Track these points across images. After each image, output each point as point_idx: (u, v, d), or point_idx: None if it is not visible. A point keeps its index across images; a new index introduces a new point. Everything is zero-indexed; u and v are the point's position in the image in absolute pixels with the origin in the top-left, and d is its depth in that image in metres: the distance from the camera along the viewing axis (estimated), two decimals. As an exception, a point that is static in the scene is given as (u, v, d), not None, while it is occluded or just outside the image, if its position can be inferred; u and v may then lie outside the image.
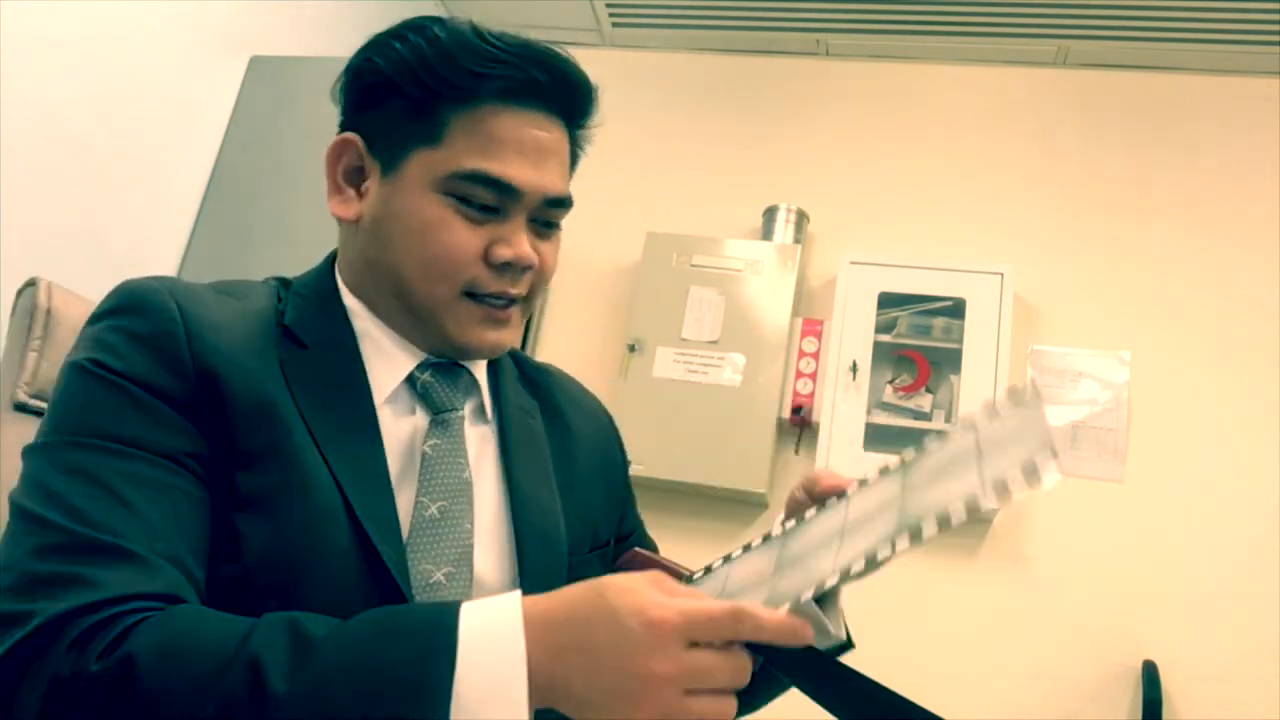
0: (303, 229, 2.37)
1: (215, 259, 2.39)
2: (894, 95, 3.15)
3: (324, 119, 2.60)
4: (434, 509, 0.86)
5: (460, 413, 0.93)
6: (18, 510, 0.73)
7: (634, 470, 2.93)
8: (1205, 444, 2.62)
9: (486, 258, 0.88)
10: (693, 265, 2.89)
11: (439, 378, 0.93)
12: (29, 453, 0.77)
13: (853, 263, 2.84)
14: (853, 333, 2.77)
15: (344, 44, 2.89)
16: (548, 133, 0.91)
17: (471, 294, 0.89)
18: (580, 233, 3.13)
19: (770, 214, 2.97)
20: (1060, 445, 2.70)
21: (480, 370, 0.98)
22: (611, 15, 3.22)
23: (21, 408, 1.05)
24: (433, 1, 3.30)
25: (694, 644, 0.62)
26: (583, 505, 1.00)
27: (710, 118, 3.21)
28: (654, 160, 3.16)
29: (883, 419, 2.73)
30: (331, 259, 0.98)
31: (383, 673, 0.61)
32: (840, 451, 2.66)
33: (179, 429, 0.78)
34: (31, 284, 1.09)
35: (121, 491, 0.73)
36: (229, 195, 2.45)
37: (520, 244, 0.89)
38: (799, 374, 2.80)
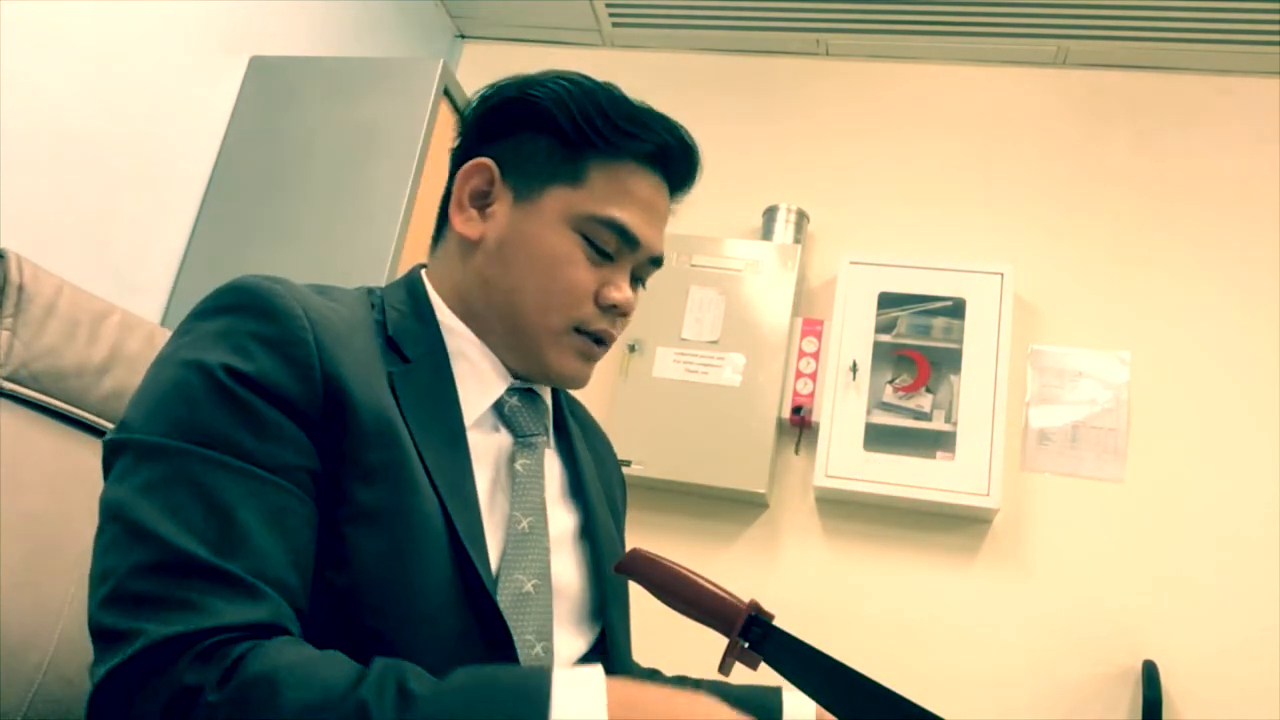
0: (303, 229, 2.37)
1: (215, 259, 2.39)
2: (894, 95, 3.15)
3: (324, 119, 2.61)
4: (525, 524, 0.91)
5: (543, 437, 0.98)
6: (123, 515, 0.73)
7: (634, 470, 2.95)
8: (1205, 444, 2.62)
9: (596, 298, 0.95)
10: (693, 265, 2.89)
11: (524, 404, 0.98)
12: (135, 448, 0.76)
13: (853, 263, 2.84)
14: (853, 333, 2.77)
15: (344, 44, 2.89)
16: (664, 198, 1.00)
17: (577, 329, 0.95)
18: (580, 233, 3.14)
19: (770, 214, 2.97)
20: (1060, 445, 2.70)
21: (548, 397, 1.03)
22: (611, 15, 3.22)
23: None
24: (433, 3, 3.31)
25: None
26: (619, 529, 1.09)
27: (710, 118, 3.20)
28: (654, 160, 3.16)
29: (883, 419, 2.73)
30: (416, 274, 1.00)
31: None
32: (840, 451, 2.66)
33: (297, 444, 0.78)
34: None
35: (235, 511, 0.73)
36: (229, 195, 2.45)
37: (627, 289, 0.96)
38: (799, 374, 2.80)
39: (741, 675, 0.92)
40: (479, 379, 0.95)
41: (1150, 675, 2.37)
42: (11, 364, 1.00)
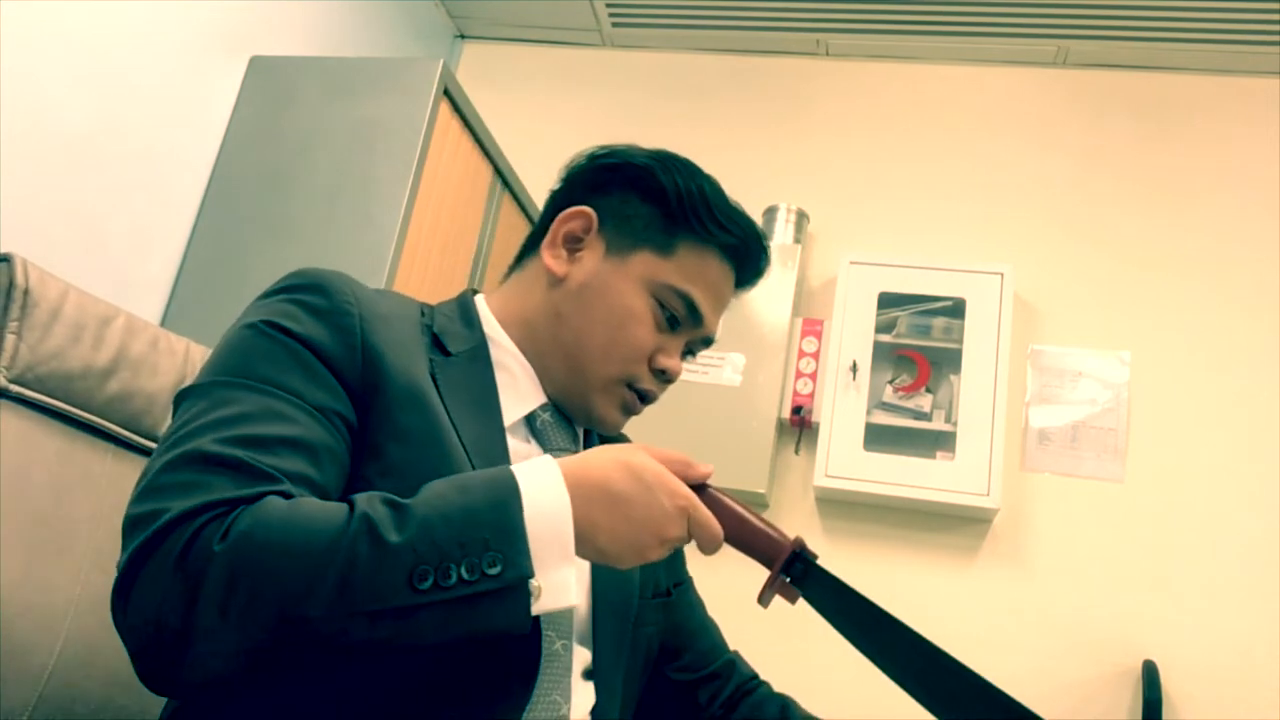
0: (303, 229, 2.37)
1: (215, 259, 2.38)
2: (894, 95, 3.15)
3: (324, 119, 2.60)
4: None
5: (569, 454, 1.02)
6: (166, 436, 0.80)
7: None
8: (1205, 444, 2.62)
9: (651, 360, 1.04)
10: (693, 265, 2.89)
11: (556, 421, 1.04)
12: (187, 391, 0.84)
13: (853, 263, 2.84)
14: (853, 333, 2.77)
15: (344, 44, 2.89)
16: (730, 289, 1.09)
17: (626, 382, 1.03)
18: (580, 233, 3.14)
19: (770, 214, 2.97)
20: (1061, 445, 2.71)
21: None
22: (611, 15, 3.22)
23: (2, 393, 0.99)
24: (433, 3, 3.30)
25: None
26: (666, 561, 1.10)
27: (710, 118, 3.21)
28: (654, 160, 3.15)
29: (883, 419, 2.73)
30: (467, 293, 1.08)
31: (471, 518, 0.73)
32: (840, 451, 2.66)
33: (335, 392, 0.85)
34: (4, 259, 1.02)
35: (271, 426, 0.79)
36: (229, 195, 2.44)
37: (678, 359, 1.06)
38: (799, 374, 2.80)
39: (778, 610, 0.92)
40: (516, 389, 1.01)
41: (1150, 675, 2.37)
42: (18, 367, 1.00)
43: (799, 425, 2.78)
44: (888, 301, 2.81)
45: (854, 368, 2.74)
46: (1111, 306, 2.80)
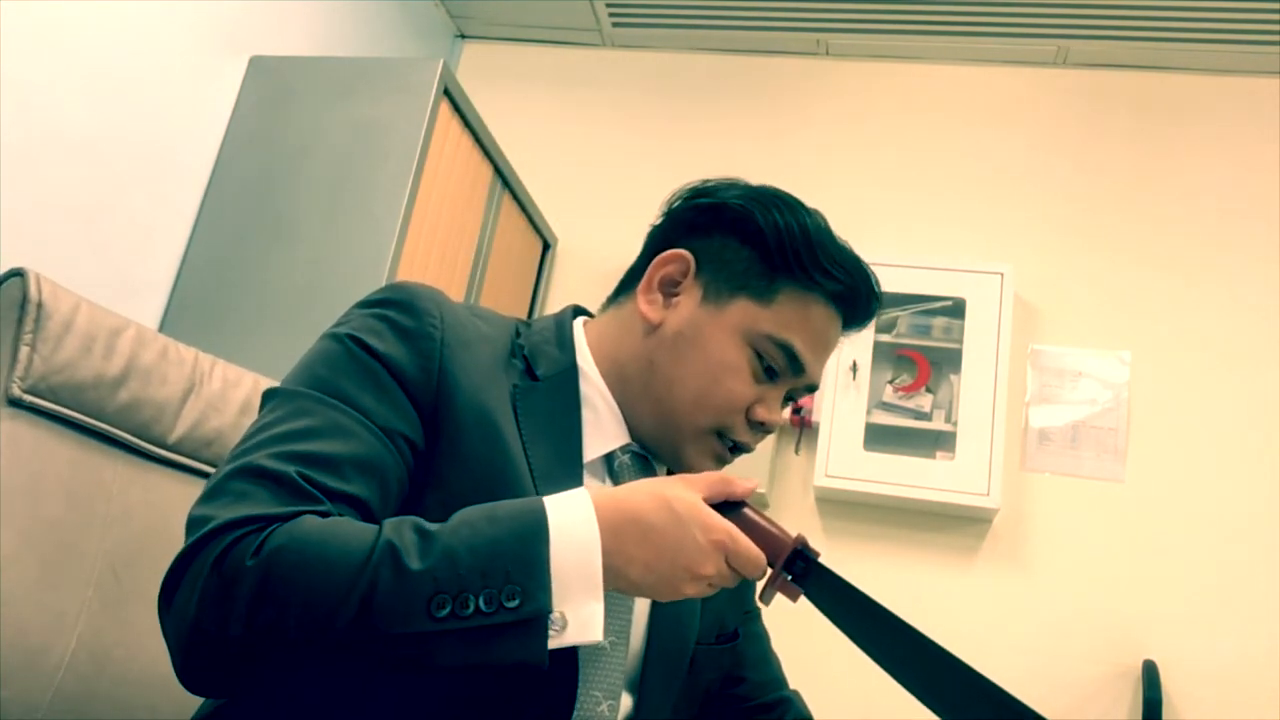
0: (303, 229, 2.37)
1: (215, 259, 2.38)
2: (894, 95, 3.15)
3: (324, 119, 2.59)
4: None
5: None
6: (241, 439, 0.83)
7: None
8: (1205, 444, 2.63)
9: (747, 412, 0.99)
10: (693, 265, 2.89)
11: (635, 464, 1.01)
12: (271, 393, 0.88)
13: (853, 262, 2.84)
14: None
15: (344, 44, 2.89)
16: (837, 334, 1.03)
17: (719, 433, 0.99)
18: (580, 232, 3.14)
19: (770, 214, 2.96)
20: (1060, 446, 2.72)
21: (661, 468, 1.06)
22: (611, 15, 3.22)
23: (16, 403, 1.01)
24: (433, 3, 3.30)
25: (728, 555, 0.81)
26: (714, 598, 1.08)
27: (710, 118, 3.21)
28: (654, 160, 3.16)
29: (883, 419, 2.73)
30: (567, 314, 1.06)
31: (495, 548, 0.73)
32: (840, 451, 2.67)
33: (405, 413, 0.86)
34: (18, 274, 1.04)
35: (337, 441, 0.81)
36: (229, 195, 2.44)
37: (777, 410, 1.01)
38: (799, 374, 2.80)
39: (781, 607, 0.94)
40: (599, 427, 0.99)
41: (1150, 675, 2.39)
42: (31, 378, 1.02)
43: (799, 425, 2.79)
44: (888, 301, 2.81)
45: (854, 367, 2.74)
46: (1111, 306, 2.80)
